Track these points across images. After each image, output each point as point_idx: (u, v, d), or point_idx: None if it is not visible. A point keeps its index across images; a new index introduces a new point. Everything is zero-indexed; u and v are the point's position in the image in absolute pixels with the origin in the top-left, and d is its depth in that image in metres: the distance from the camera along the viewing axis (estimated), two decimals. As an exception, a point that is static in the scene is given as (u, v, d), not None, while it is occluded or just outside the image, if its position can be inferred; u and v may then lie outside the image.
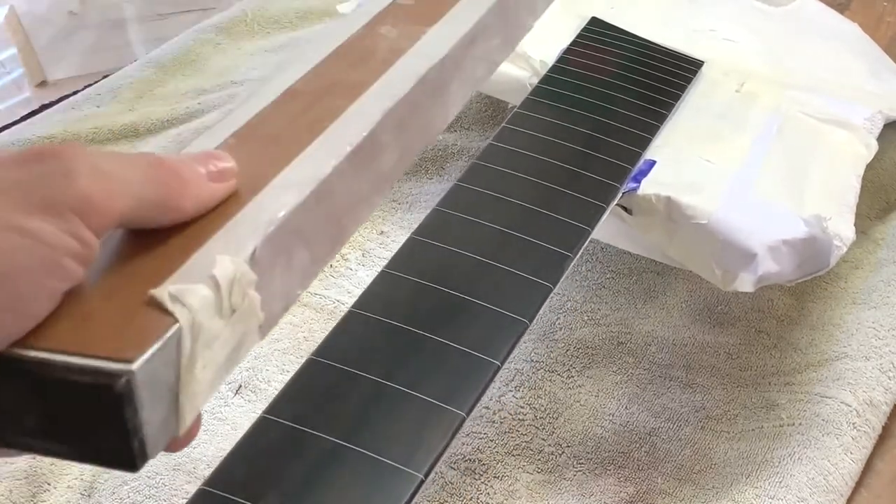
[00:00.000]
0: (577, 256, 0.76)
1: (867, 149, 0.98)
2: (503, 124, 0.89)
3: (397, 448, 0.60)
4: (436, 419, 0.62)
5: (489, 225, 0.77)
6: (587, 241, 0.78)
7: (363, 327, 0.68)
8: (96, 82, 1.35)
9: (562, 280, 0.74)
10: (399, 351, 0.67)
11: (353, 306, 0.69)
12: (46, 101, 1.33)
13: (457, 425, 0.62)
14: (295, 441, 0.60)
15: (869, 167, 1.00)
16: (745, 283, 0.84)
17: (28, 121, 1.27)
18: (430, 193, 1.14)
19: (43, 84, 1.41)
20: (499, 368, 0.66)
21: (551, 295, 0.96)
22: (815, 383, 0.92)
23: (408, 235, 0.76)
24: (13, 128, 1.26)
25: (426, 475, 0.59)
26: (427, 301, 0.71)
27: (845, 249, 0.86)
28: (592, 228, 0.79)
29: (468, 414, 0.63)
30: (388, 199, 1.15)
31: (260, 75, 1.32)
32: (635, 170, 0.87)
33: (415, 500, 0.58)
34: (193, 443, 0.88)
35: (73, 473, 0.86)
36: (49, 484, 0.85)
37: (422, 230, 0.76)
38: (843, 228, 0.86)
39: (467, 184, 0.82)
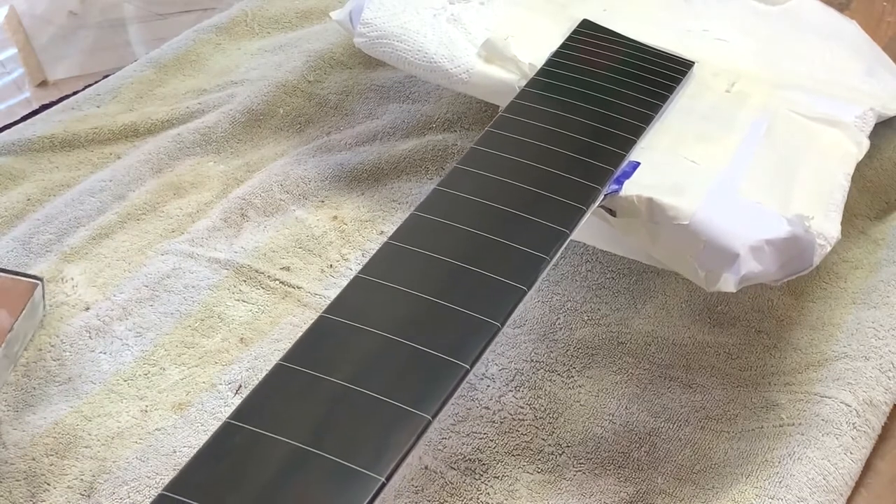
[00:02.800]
0: (555, 259, 0.76)
1: (858, 147, 0.98)
2: (487, 128, 0.89)
3: (361, 452, 0.60)
4: (401, 423, 0.62)
5: (466, 229, 0.77)
6: (566, 244, 0.78)
7: (333, 332, 0.68)
8: (96, 82, 1.35)
9: (538, 283, 0.74)
10: (368, 355, 0.67)
11: (325, 311, 0.69)
12: (46, 101, 1.33)
13: (422, 429, 0.62)
14: (258, 446, 0.61)
15: (868, 167, 1.00)
16: (728, 283, 0.84)
17: (28, 121, 1.28)
18: (430, 193, 1.15)
19: (43, 84, 1.41)
20: (468, 372, 0.66)
21: (547, 292, 0.96)
22: (814, 383, 0.92)
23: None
24: (13, 128, 1.26)
25: (388, 478, 0.59)
26: (399, 306, 0.71)
27: (829, 248, 0.85)
28: (571, 231, 0.79)
29: (434, 417, 0.63)
30: (388, 199, 1.15)
31: (260, 75, 1.33)
32: (618, 172, 0.87)
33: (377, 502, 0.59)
34: (193, 443, 0.88)
35: (73, 473, 0.86)
36: (49, 484, 0.85)
37: (398, 235, 0.76)
38: (827, 227, 0.86)
39: (447, 188, 0.81)
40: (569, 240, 0.78)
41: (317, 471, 0.59)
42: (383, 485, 0.59)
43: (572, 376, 0.94)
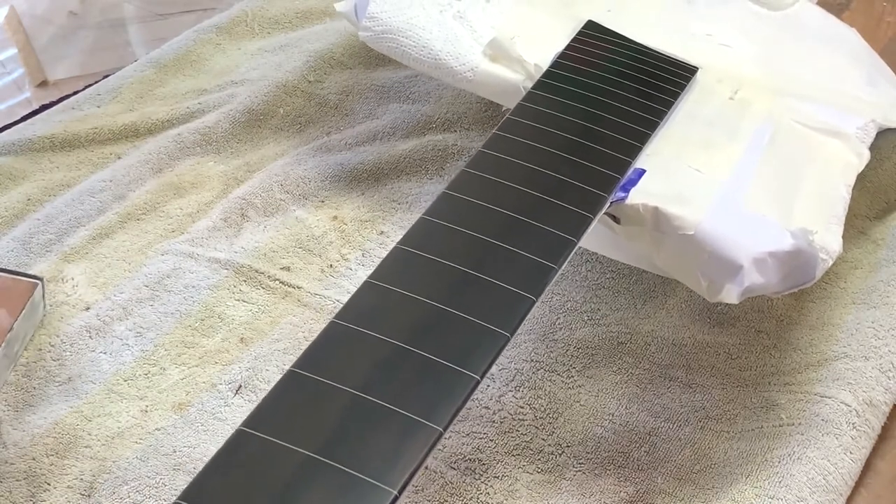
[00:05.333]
0: (562, 268, 0.76)
1: (859, 158, 0.98)
2: (494, 131, 0.89)
3: (373, 463, 0.60)
4: (412, 434, 0.62)
5: (474, 235, 0.77)
6: (573, 252, 0.78)
7: (345, 339, 0.68)
8: (96, 82, 1.35)
9: (545, 292, 0.74)
10: (379, 363, 0.67)
11: (336, 317, 0.69)
12: (46, 101, 1.33)
13: (433, 441, 0.62)
14: (271, 455, 0.60)
15: (868, 167, 1.00)
16: (731, 295, 0.84)
17: (28, 121, 1.28)
18: (429, 193, 1.15)
19: (43, 84, 1.41)
20: (478, 383, 0.66)
21: (547, 292, 0.95)
22: (814, 383, 0.92)
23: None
24: (13, 128, 1.26)
25: (400, 491, 0.59)
26: (409, 313, 0.71)
27: (831, 262, 0.86)
28: (578, 239, 0.78)
29: (445, 429, 0.63)
30: (388, 199, 1.15)
31: (260, 75, 1.33)
32: (624, 179, 0.87)
33: None
34: (193, 443, 0.88)
35: (73, 473, 0.86)
36: (49, 484, 0.85)
37: (407, 240, 0.76)
38: (829, 241, 0.86)
39: (455, 192, 0.81)
40: (575, 248, 0.78)
41: (329, 481, 0.59)
42: (395, 498, 0.59)
43: (572, 376, 0.94)
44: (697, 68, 1.04)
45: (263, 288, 1.04)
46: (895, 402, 0.92)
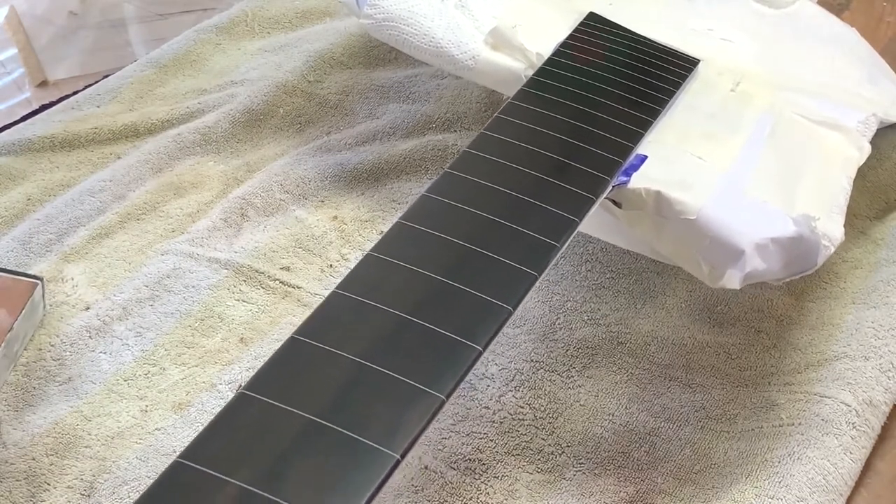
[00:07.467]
0: (564, 247, 0.77)
1: (859, 151, 0.98)
2: (496, 114, 0.89)
3: (375, 428, 0.60)
4: (415, 401, 0.63)
5: (477, 212, 0.77)
6: (575, 232, 0.78)
7: (346, 308, 0.68)
8: (96, 82, 1.35)
9: (547, 269, 0.74)
10: (381, 333, 0.67)
11: (337, 287, 0.69)
12: (46, 101, 1.33)
13: (435, 408, 0.63)
14: (273, 417, 0.60)
15: (869, 168, 1.01)
16: (733, 280, 0.84)
17: (28, 121, 1.27)
18: (430, 193, 1.15)
19: (43, 84, 1.41)
20: (480, 354, 0.66)
21: (547, 292, 0.95)
22: (814, 383, 0.92)
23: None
24: (13, 128, 1.26)
25: (402, 455, 0.60)
26: (412, 285, 0.71)
27: (833, 250, 0.86)
28: (580, 220, 0.79)
29: (447, 397, 0.63)
30: (388, 199, 1.15)
31: (260, 75, 1.33)
32: (626, 164, 0.87)
33: (390, 481, 0.59)
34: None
35: (73, 473, 0.86)
36: (49, 484, 0.85)
37: (409, 215, 0.77)
38: (831, 229, 0.87)
39: (457, 171, 0.82)
40: (577, 229, 0.78)
41: (331, 444, 0.59)
42: (398, 462, 0.59)
43: (572, 376, 0.94)
44: (699, 60, 1.04)
45: (263, 288, 1.04)
46: (895, 402, 0.92)
